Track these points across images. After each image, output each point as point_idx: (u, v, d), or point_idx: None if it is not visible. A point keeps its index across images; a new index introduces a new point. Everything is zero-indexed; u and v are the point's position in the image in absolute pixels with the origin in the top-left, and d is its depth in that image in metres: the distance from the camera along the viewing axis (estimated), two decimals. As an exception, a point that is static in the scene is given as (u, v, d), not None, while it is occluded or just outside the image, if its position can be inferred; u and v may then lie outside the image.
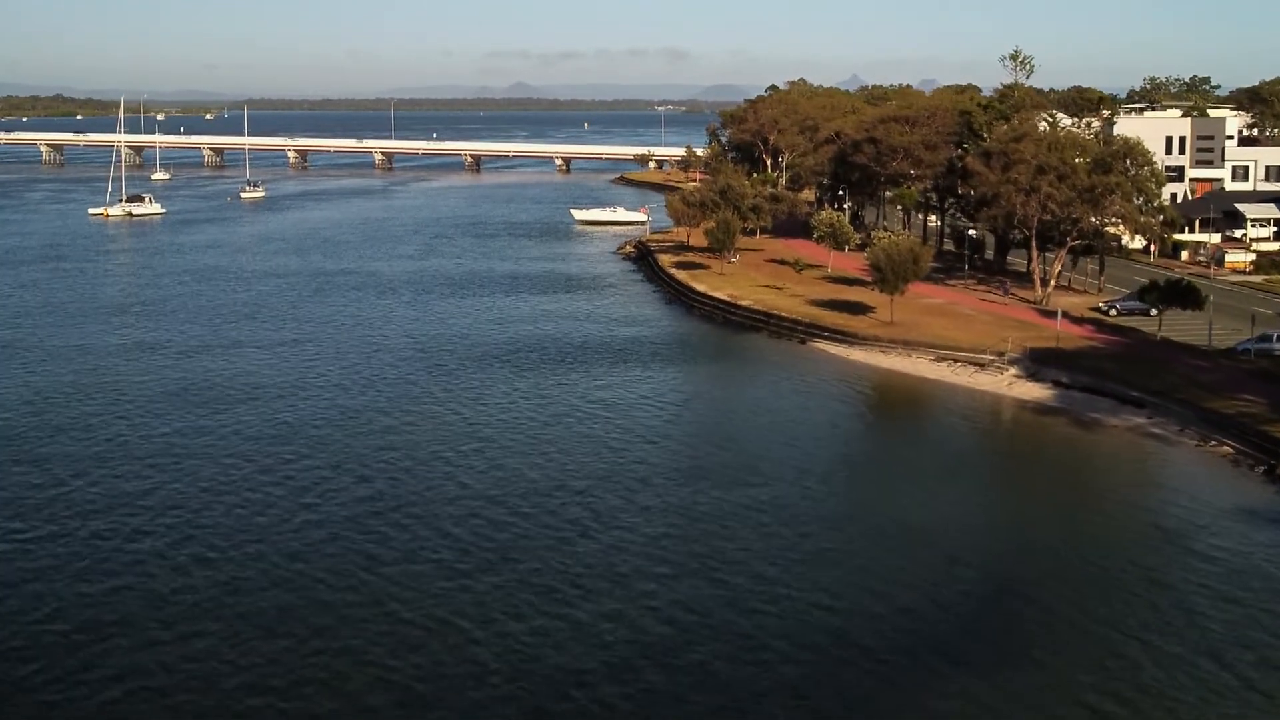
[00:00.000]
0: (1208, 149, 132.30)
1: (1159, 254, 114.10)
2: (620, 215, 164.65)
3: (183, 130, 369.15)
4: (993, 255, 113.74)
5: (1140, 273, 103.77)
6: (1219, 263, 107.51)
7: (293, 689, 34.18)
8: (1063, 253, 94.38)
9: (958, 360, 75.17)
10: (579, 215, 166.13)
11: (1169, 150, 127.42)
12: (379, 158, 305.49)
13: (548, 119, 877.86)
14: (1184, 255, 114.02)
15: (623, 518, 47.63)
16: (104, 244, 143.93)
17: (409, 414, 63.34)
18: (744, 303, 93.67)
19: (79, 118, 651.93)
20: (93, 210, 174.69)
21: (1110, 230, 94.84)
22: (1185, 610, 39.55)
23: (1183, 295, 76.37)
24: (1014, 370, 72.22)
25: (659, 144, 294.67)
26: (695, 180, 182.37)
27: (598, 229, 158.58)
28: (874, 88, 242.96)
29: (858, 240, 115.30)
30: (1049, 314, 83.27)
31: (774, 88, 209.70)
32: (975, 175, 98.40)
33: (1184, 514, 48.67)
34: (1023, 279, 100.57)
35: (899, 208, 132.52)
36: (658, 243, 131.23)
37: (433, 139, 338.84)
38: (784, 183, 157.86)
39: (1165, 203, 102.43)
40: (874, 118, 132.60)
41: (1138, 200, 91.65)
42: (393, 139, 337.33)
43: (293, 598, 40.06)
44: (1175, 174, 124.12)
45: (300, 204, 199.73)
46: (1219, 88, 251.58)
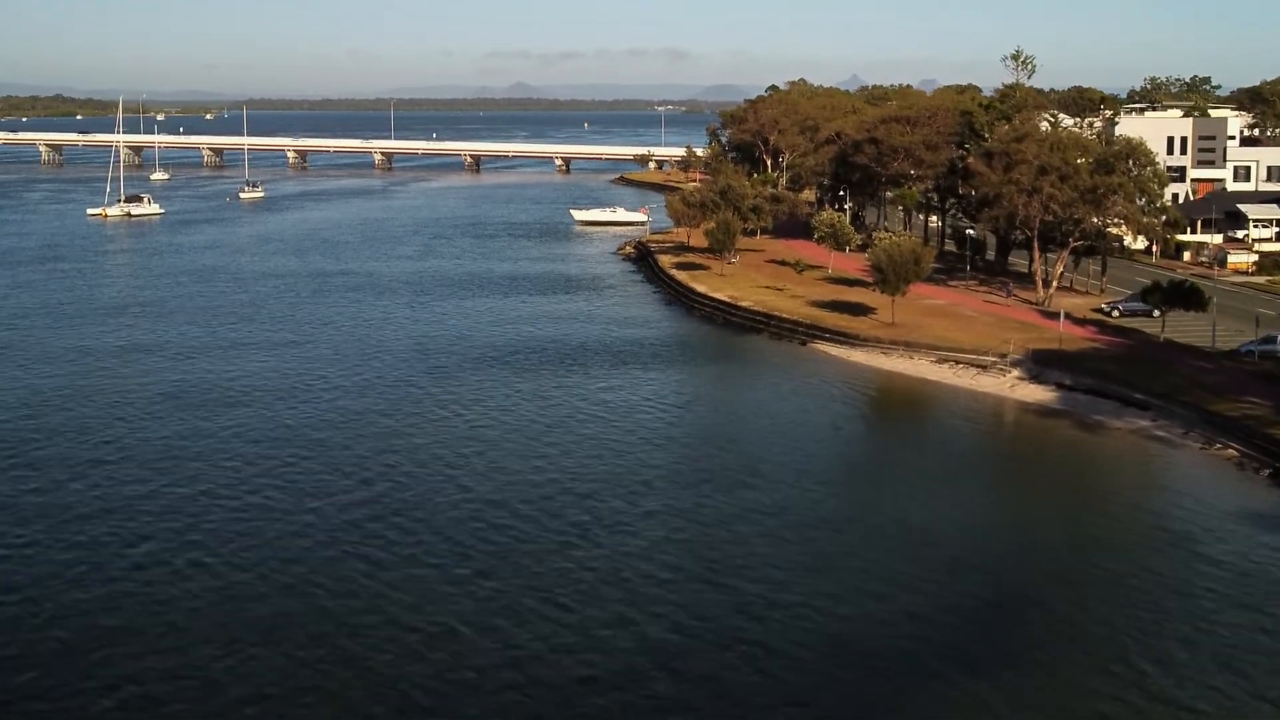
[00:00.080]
0: (1209, 149, 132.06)
1: (1161, 255, 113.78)
2: (620, 216, 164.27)
3: (182, 130, 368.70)
4: (994, 256, 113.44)
5: (1142, 274, 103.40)
6: (1221, 264, 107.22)
7: (293, 697, 33.82)
8: (1065, 254, 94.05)
9: (960, 362, 74.81)
10: (579, 216, 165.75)
11: (1170, 150, 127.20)
12: (378, 158, 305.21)
13: (548, 119, 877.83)
14: (1186, 256, 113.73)
15: (626, 521, 47.30)
16: (102, 244, 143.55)
17: (409, 416, 63.00)
18: (744, 304, 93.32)
19: (79, 118, 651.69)
20: (91, 210, 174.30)
21: (1112, 231, 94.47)
22: (1194, 615, 39.20)
23: (1186, 297, 76.05)
24: (1016, 372, 71.86)
25: (659, 144, 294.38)
26: (695, 180, 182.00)
27: (597, 229, 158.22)
28: (874, 88, 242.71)
29: (858, 241, 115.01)
30: (1051, 315, 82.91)
31: (774, 88, 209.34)
32: (977, 176, 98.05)
33: (1190, 517, 48.32)
34: (1024, 280, 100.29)
35: (900, 208, 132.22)
36: (658, 243, 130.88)
37: (432, 139, 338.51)
38: (784, 183, 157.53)
39: (1167, 203, 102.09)
40: (875, 118, 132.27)
41: (1140, 201, 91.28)
42: (392, 139, 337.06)
43: (293, 604, 39.72)
44: (1177, 174, 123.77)
45: (299, 204, 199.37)
46: (1219, 88, 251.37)
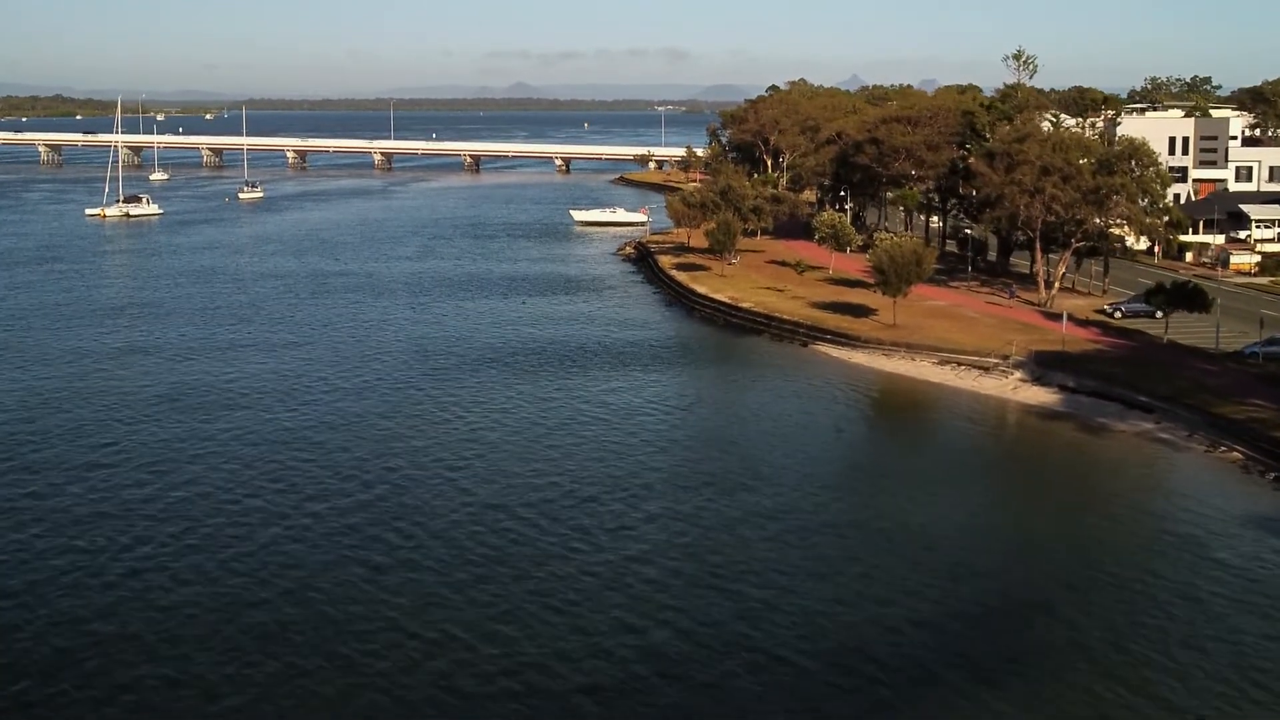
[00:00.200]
0: (1211, 149, 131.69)
1: (1163, 255, 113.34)
2: (620, 216, 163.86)
3: (181, 130, 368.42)
4: (996, 257, 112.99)
5: (1144, 274, 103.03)
6: (1224, 264, 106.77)
7: (295, 707, 33.42)
8: (1067, 254, 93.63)
9: (962, 364, 74.39)
10: (578, 216, 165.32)
11: (1172, 151, 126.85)
12: (378, 158, 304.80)
13: (547, 119, 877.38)
14: (1188, 257, 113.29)
15: (628, 525, 46.90)
16: (100, 245, 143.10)
17: (409, 418, 62.59)
18: (745, 305, 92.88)
19: (78, 118, 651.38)
20: (89, 211, 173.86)
21: (1114, 231, 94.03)
22: (1201, 620, 38.83)
23: (1190, 298, 75.56)
24: (1019, 374, 71.43)
25: (659, 144, 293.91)
26: (695, 181, 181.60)
27: (597, 230, 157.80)
28: (874, 88, 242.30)
29: (859, 242, 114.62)
30: (1053, 316, 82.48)
31: (774, 88, 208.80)
32: (978, 176, 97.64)
33: (1195, 521, 47.91)
34: (1026, 281, 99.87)
35: (901, 209, 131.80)
36: (658, 244, 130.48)
37: (432, 139, 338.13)
38: (785, 183, 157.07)
39: (1170, 204, 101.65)
40: (876, 118, 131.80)
41: (1143, 202, 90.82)
42: (392, 139, 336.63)
43: (292, 610, 39.29)
44: (1179, 175, 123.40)
45: (299, 204, 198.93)
46: (1220, 88, 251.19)
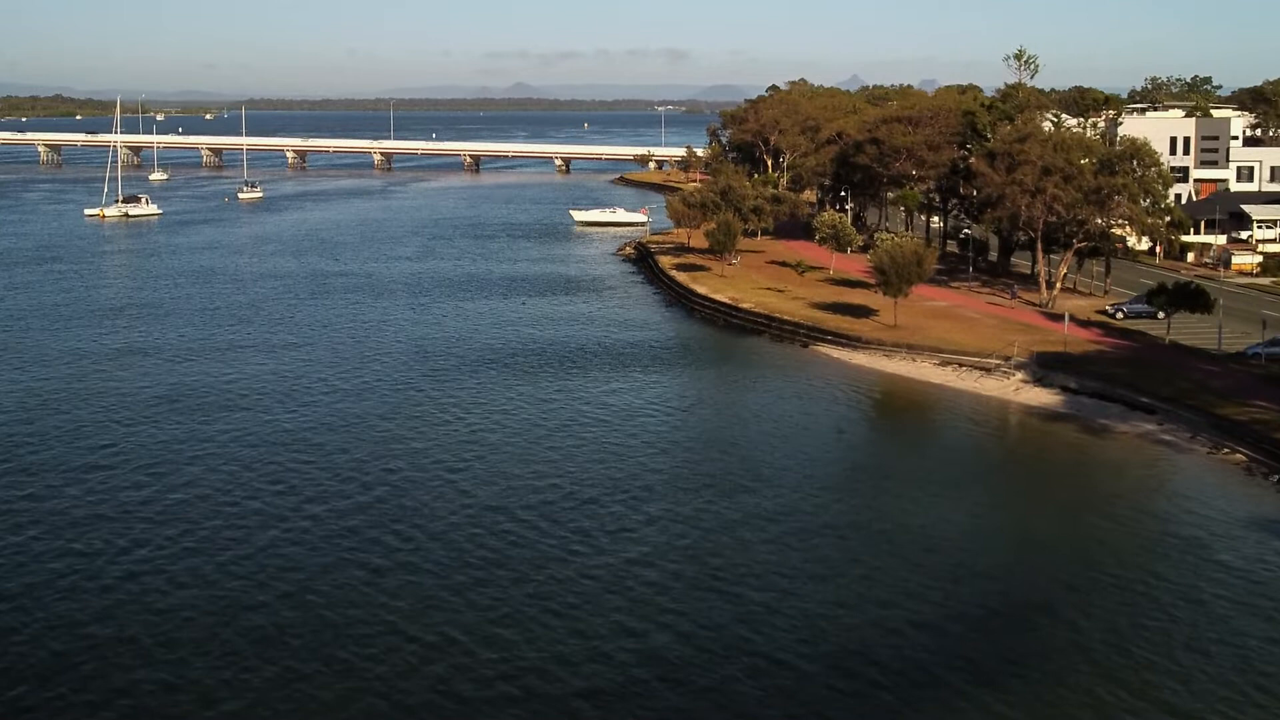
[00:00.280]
0: (1212, 150, 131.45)
1: (1165, 255, 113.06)
2: (620, 216, 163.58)
3: (181, 130, 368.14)
4: (996, 257, 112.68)
5: (1146, 275, 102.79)
6: (1226, 264, 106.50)
7: (292, 711, 33.10)
8: (1069, 255, 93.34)
9: (963, 364, 74.08)
10: (578, 216, 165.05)
11: (1173, 151, 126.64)
12: (378, 158, 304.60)
13: (547, 119, 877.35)
14: (1190, 257, 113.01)
15: (628, 527, 46.59)
16: (99, 245, 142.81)
17: (409, 420, 62.27)
18: (745, 305, 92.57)
19: (78, 118, 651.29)
20: (88, 211, 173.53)
21: (1116, 232, 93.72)
22: (1205, 623, 38.51)
23: (1192, 299, 75.25)
24: (1021, 375, 71.12)
25: (659, 144, 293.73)
26: (695, 181, 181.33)
27: (597, 230, 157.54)
28: (875, 88, 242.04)
29: (860, 242, 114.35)
30: (1055, 317, 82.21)
31: (774, 88, 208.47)
32: (980, 176, 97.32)
33: (1198, 523, 47.63)
34: (1027, 281, 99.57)
35: (901, 209, 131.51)
36: (658, 244, 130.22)
37: (432, 139, 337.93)
38: (785, 184, 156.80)
39: (1172, 204, 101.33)
40: (876, 118, 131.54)
41: (1145, 202, 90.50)
42: (392, 139, 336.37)
43: (291, 613, 38.95)
44: (1180, 175, 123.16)
45: (298, 205, 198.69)
46: (1220, 88, 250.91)
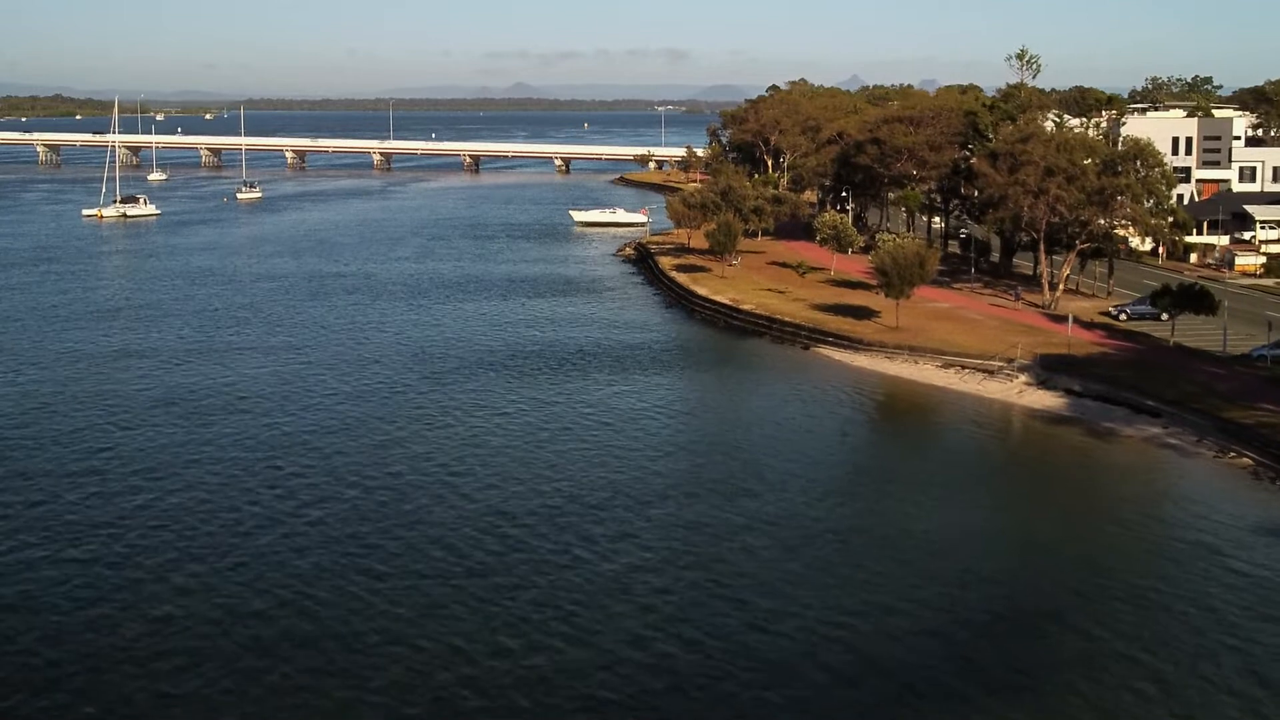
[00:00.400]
0: (1214, 150, 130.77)
1: (1167, 256, 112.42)
2: (620, 217, 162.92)
3: (180, 130, 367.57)
4: (999, 258, 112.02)
5: (1149, 276, 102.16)
6: (1229, 265, 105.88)
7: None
8: (1072, 256, 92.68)
9: (966, 367, 73.39)
10: (578, 217, 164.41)
11: (1175, 151, 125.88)
12: (377, 158, 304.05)
13: (547, 119, 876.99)
14: (1193, 258, 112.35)
15: (634, 533, 45.85)
16: (97, 246, 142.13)
17: (409, 422, 61.52)
18: (746, 307, 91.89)
19: (78, 118, 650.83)
20: (86, 211, 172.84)
21: (1119, 232, 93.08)
22: (1217, 629, 37.82)
23: (1196, 300, 74.50)
24: (1024, 377, 70.42)
25: (659, 144, 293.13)
26: (696, 181, 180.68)
27: (597, 230, 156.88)
28: (875, 88, 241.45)
29: (861, 243, 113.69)
30: (1058, 319, 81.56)
31: (775, 88, 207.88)
32: (982, 177, 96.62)
33: (1206, 528, 46.92)
34: (1029, 282, 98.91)
35: (903, 210, 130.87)
36: (658, 245, 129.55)
37: (431, 139, 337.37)
38: (786, 184, 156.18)
39: (1175, 205, 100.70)
40: (877, 118, 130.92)
41: (1148, 203, 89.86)
42: (391, 139, 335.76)
43: (294, 621, 38.19)
44: (1182, 175, 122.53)
45: (297, 205, 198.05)
46: (1220, 88, 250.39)
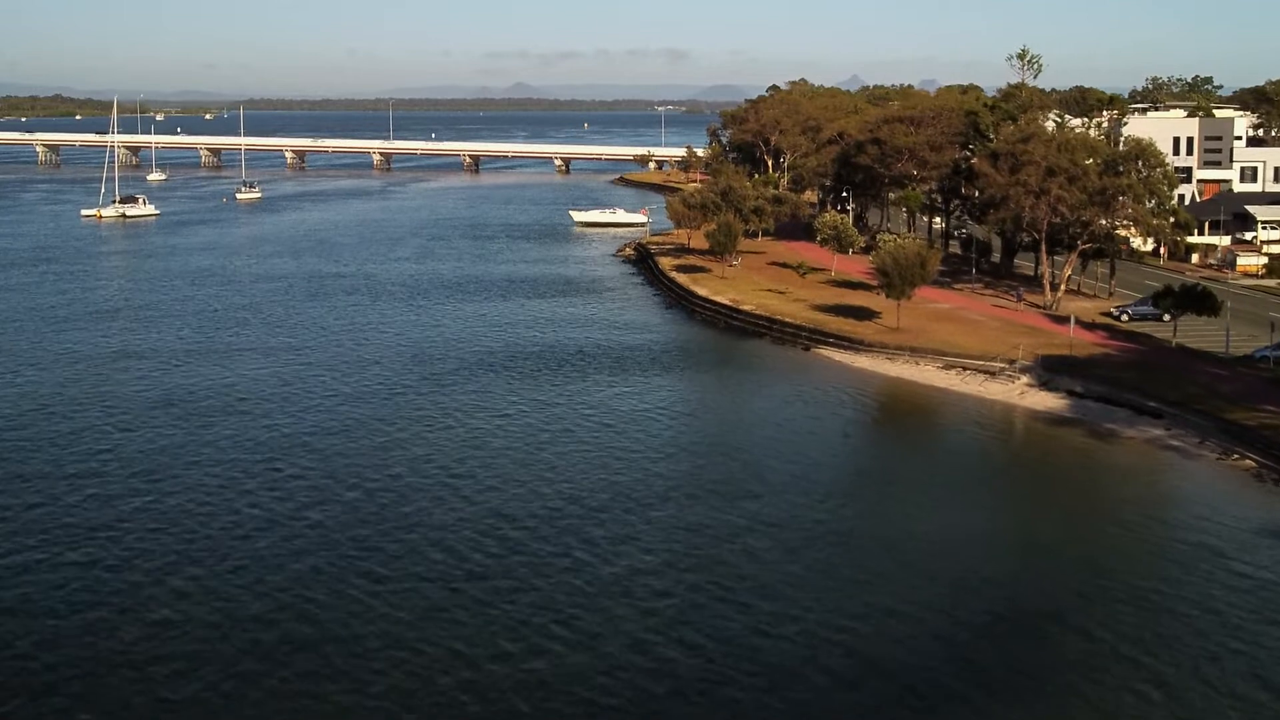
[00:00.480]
0: (1216, 150, 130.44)
1: (1169, 257, 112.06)
2: (620, 217, 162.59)
3: (180, 130, 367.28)
4: (999, 259, 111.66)
5: (1150, 276, 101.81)
6: (1231, 266, 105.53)
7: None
8: (1074, 256, 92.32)
9: (967, 368, 73.03)
10: (578, 217, 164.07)
11: (1176, 151, 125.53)
12: (377, 158, 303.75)
13: (547, 119, 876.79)
14: (1194, 258, 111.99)
15: (636, 536, 45.46)
16: (95, 246, 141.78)
17: (409, 424, 61.10)
18: (746, 308, 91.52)
19: (78, 118, 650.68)
20: (85, 211, 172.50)
21: (1120, 233, 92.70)
22: (1221, 631, 37.49)
23: (1199, 301, 74.13)
24: (1026, 379, 70.06)
25: (659, 144, 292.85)
26: (696, 181, 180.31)
27: (597, 231, 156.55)
28: (875, 88, 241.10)
29: (862, 243, 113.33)
30: (1059, 319, 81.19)
31: (775, 88, 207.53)
32: (983, 177, 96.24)
33: (1209, 530, 46.56)
34: (1030, 283, 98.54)
35: (904, 210, 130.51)
36: (658, 245, 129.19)
37: (431, 139, 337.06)
38: (786, 184, 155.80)
39: (1177, 205, 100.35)
40: (878, 118, 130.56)
41: (1150, 203, 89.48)
42: (391, 139, 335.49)
43: (294, 625, 37.80)
44: (1183, 175, 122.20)
45: (297, 205, 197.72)
46: (1221, 88, 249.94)
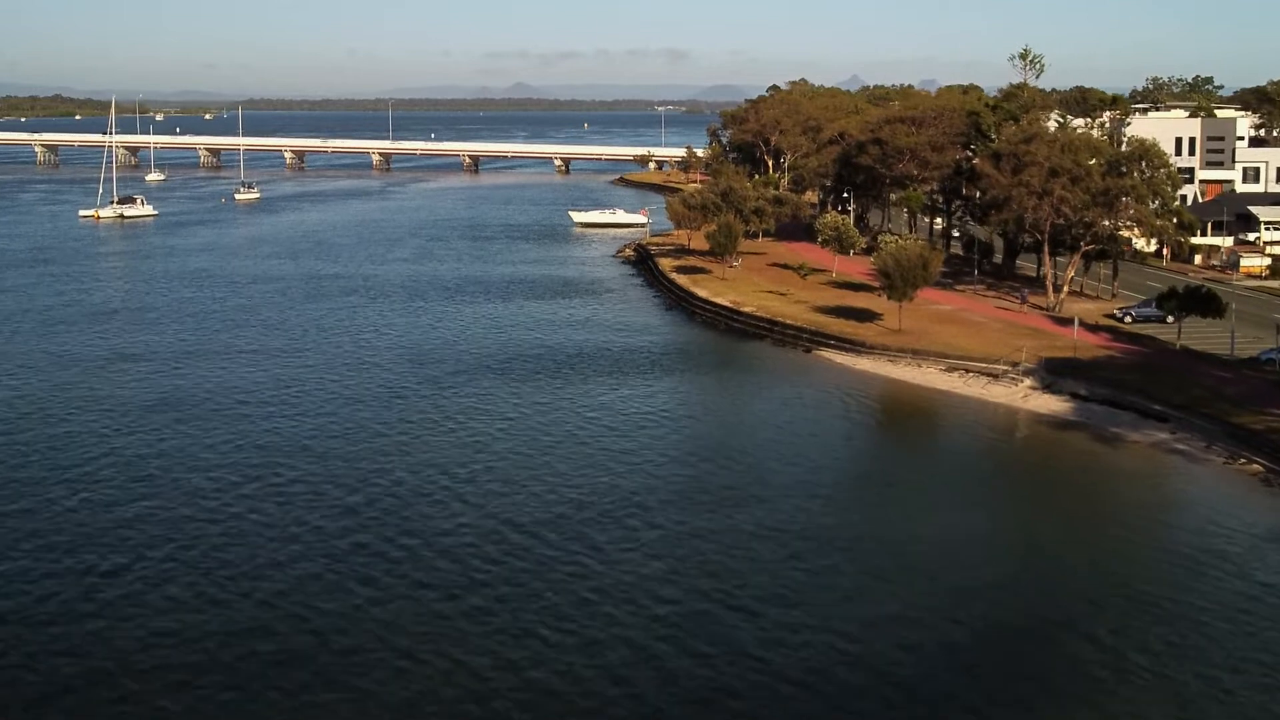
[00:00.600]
0: (1218, 150, 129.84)
1: (1172, 258, 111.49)
2: (619, 218, 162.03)
3: (179, 131, 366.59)
4: (1002, 260, 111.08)
5: (1153, 277, 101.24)
6: (1234, 267, 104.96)
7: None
8: (1076, 257, 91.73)
9: (970, 370, 72.45)
10: (578, 217, 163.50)
11: (1178, 151, 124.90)
12: (376, 158, 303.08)
13: (547, 119, 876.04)
14: (1197, 259, 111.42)
15: (642, 543, 44.94)
16: (93, 246, 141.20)
17: (409, 427, 60.58)
18: (746, 309, 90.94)
19: (77, 118, 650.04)
20: (83, 212, 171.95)
21: (1123, 234, 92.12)
22: (1234, 637, 37.01)
23: (1203, 303, 73.51)
24: (1029, 381, 69.49)
25: (659, 145, 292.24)
26: (696, 182, 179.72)
27: (597, 231, 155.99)
28: (875, 88, 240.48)
29: (863, 244, 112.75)
30: (1062, 321, 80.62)
31: (775, 88, 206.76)
32: (985, 177, 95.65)
33: (1217, 535, 46.02)
34: (1033, 284, 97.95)
35: (905, 210, 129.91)
36: (658, 246, 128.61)
37: (431, 140, 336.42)
38: (786, 184, 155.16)
39: (1180, 206, 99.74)
40: (880, 118, 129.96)
41: (1153, 204, 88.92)
42: (391, 139, 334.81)
43: (295, 635, 37.23)
44: (1186, 176, 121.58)
45: (296, 205, 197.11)
46: (1221, 88, 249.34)
